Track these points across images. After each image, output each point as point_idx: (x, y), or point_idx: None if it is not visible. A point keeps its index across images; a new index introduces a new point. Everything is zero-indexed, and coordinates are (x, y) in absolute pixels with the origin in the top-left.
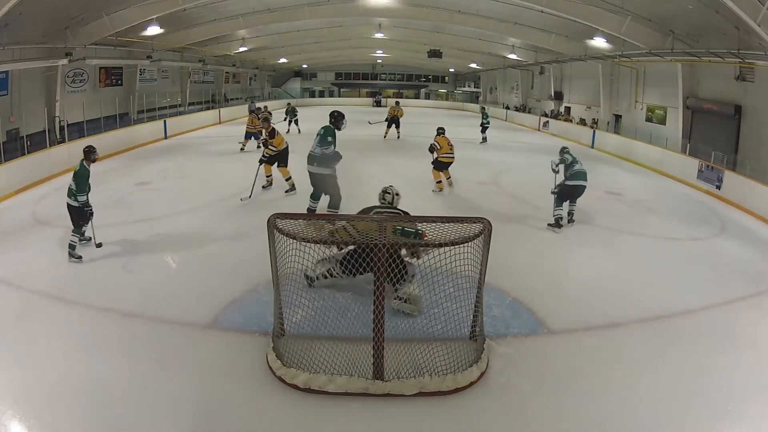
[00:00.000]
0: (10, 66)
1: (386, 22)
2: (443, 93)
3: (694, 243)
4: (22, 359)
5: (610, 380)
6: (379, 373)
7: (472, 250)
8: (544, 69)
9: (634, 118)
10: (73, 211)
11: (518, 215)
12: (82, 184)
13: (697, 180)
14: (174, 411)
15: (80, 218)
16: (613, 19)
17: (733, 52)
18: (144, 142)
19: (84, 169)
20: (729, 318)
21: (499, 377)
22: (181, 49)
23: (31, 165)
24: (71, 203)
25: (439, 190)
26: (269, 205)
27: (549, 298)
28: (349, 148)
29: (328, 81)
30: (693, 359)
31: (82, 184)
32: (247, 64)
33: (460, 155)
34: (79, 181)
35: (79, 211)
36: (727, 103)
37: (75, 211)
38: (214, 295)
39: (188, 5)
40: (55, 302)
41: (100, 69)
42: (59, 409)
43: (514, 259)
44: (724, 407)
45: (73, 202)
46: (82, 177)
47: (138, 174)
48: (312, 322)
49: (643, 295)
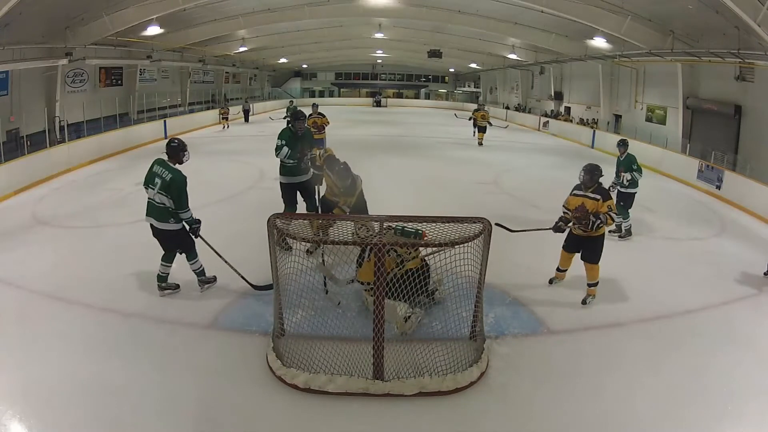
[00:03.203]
0: (10, 66)
1: (386, 22)
2: (443, 93)
3: (694, 243)
4: (22, 359)
5: (610, 380)
6: (379, 373)
7: (472, 250)
8: (544, 69)
9: (634, 118)
10: (170, 236)
11: (518, 215)
12: (184, 198)
13: (697, 180)
14: (174, 411)
15: (186, 240)
16: (613, 19)
17: (733, 52)
18: (144, 142)
19: (179, 174)
20: (729, 318)
21: (499, 377)
22: (181, 49)
23: (31, 165)
24: (167, 228)
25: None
26: (270, 206)
27: (549, 298)
28: (349, 148)
29: (328, 81)
30: (693, 359)
31: (184, 198)
32: (247, 64)
33: (461, 155)
34: (179, 193)
35: (181, 233)
36: (727, 103)
37: (175, 235)
38: (214, 295)
39: (188, 5)
40: (55, 302)
41: (100, 69)
42: (59, 409)
43: (514, 259)
44: (724, 407)
45: (172, 224)
46: (181, 187)
47: (138, 174)
48: (312, 322)
49: (643, 295)
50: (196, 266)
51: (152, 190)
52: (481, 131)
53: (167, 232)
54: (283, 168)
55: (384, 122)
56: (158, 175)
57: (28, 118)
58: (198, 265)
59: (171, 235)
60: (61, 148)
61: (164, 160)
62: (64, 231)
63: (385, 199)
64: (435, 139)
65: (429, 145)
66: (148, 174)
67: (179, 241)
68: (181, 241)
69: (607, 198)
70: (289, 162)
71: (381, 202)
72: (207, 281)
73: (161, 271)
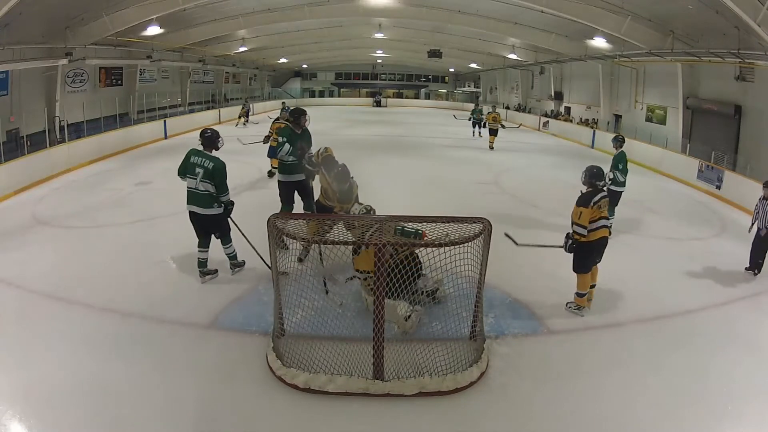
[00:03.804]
0: (10, 66)
1: (386, 22)
2: (443, 93)
3: (694, 243)
4: (22, 359)
5: (610, 380)
6: (379, 373)
7: (472, 250)
8: (544, 69)
9: (634, 118)
10: (213, 221)
11: (518, 215)
12: (225, 182)
13: (697, 180)
14: (174, 411)
15: (224, 224)
16: (613, 19)
17: (733, 52)
18: (144, 142)
19: (219, 161)
20: (728, 318)
21: (499, 377)
22: (181, 49)
23: (31, 165)
24: (211, 213)
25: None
26: (269, 206)
27: (549, 298)
28: (349, 148)
29: (328, 81)
30: (692, 359)
31: (225, 182)
32: (247, 64)
33: (461, 155)
34: (222, 179)
35: (221, 217)
36: (727, 103)
37: (217, 219)
38: (214, 295)
39: (188, 5)
40: (55, 302)
41: (100, 69)
42: (59, 409)
43: (514, 259)
44: (724, 407)
45: (215, 209)
46: (223, 173)
47: (138, 174)
48: (312, 322)
49: (642, 295)
50: (230, 250)
51: (194, 180)
52: (493, 134)
53: (211, 218)
54: (282, 166)
55: (384, 122)
56: (198, 165)
57: (28, 118)
58: (232, 249)
59: (214, 219)
60: (61, 148)
61: (200, 150)
62: (64, 231)
63: (385, 199)
64: (435, 139)
65: (429, 145)
66: (186, 165)
67: (220, 224)
68: (221, 224)
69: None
70: (288, 160)
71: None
72: (237, 265)
73: (200, 257)
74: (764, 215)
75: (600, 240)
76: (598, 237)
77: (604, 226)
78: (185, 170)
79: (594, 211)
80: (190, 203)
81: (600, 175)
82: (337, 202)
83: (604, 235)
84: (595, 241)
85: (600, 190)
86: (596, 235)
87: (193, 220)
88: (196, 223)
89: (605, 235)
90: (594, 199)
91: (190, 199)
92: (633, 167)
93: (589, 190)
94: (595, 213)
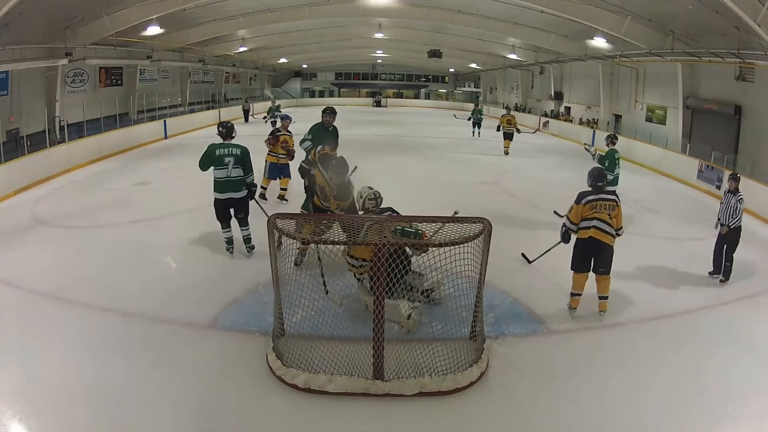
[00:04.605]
0: (10, 66)
1: (386, 22)
2: (443, 93)
3: (694, 243)
4: (22, 359)
5: (610, 380)
6: (379, 373)
7: (472, 250)
8: (544, 69)
9: (634, 118)
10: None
11: (518, 215)
12: (251, 164)
13: (697, 180)
14: (174, 411)
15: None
16: (613, 19)
17: (733, 52)
18: (144, 142)
19: (243, 147)
20: (728, 318)
21: (499, 377)
22: (181, 49)
23: (31, 165)
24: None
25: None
26: (268, 205)
27: (549, 298)
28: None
29: (328, 81)
30: (692, 359)
31: (251, 164)
32: (247, 64)
33: (461, 155)
34: (249, 160)
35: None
36: (727, 103)
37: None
38: (214, 295)
39: (188, 5)
40: (55, 302)
41: (100, 69)
42: (59, 409)
43: (514, 259)
44: (724, 407)
45: (244, 191)
46: (249, 155)
47: (138, 174)
48: (312, 322)
49: (643, 295)
50: (248, 231)
51: (225, 170)
52: (508, 138)
53: (243, 199)
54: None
55: (384, 122)
56: (227, 155)
57: (28, 118)
58: (249, 230)
59: (245, 201)
60: (61, 148)
61: (221, 142)
62: (64, 231)
63: (384, 199)
64: (435, 139)
65: (429, 145)
66: (211, 159)
67: (246, 205)
68: (247, 205)
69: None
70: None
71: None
72: (253, 246)
73: (226, 237)
74: (728, 210)
75: (588, 240)
76: (586, 236)
77: (594, 227)
78: (211, 163)
79: (585, 209)
80: (226, 191)
81: (600, 176)
82: (334, 199)
83: (591, 235)
84: (585, 239)
85: (601, 191)
86: (584, 234)
87: (224, 206)
88: (229, 207)
89: (592, 236)
90: (587, 198)
91: (225, 188)
92: (633, 167)
93: (587, 190)
94: (587, 211)
